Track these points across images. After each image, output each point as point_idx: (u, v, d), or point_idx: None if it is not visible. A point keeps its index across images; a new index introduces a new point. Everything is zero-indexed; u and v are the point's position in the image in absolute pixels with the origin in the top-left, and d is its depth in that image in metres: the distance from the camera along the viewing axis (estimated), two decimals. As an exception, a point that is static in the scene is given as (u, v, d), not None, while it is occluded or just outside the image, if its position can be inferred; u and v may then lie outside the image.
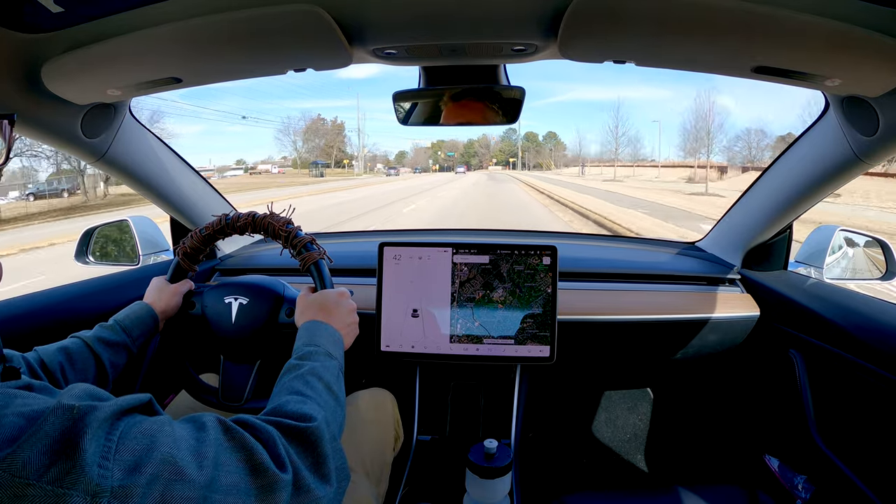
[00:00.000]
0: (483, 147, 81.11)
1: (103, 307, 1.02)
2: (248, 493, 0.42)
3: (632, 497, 0.92)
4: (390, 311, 1.08)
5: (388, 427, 1.02)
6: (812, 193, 1.02)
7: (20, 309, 0.93)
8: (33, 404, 0.36)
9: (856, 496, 0.87)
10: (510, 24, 0.69)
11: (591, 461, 1.52)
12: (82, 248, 1.29)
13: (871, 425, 0.92)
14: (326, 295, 0.76)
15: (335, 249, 1.03)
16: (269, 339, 0.85)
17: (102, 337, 0.75)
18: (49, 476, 0.33)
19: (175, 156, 1.19)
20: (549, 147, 78.43)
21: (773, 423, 1.20)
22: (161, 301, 0.84)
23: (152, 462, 0.37)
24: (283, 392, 0.57)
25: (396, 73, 51.33)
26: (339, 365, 0.65)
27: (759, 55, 0.67)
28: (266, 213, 0.84)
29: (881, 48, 0.61)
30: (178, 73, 0.77)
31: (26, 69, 0.72)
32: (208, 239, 0.87)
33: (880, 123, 0.77)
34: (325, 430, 0.51)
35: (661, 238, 1.76)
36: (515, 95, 0.88)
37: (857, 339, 0.91)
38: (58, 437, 0.34)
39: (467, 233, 1.71)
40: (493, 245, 1.08)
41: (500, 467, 0.82)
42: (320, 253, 0.81)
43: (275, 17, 0.63)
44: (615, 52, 0.72)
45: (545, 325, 1.06)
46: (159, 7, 0.62)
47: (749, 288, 1.24)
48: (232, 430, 0.45)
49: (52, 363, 0.68)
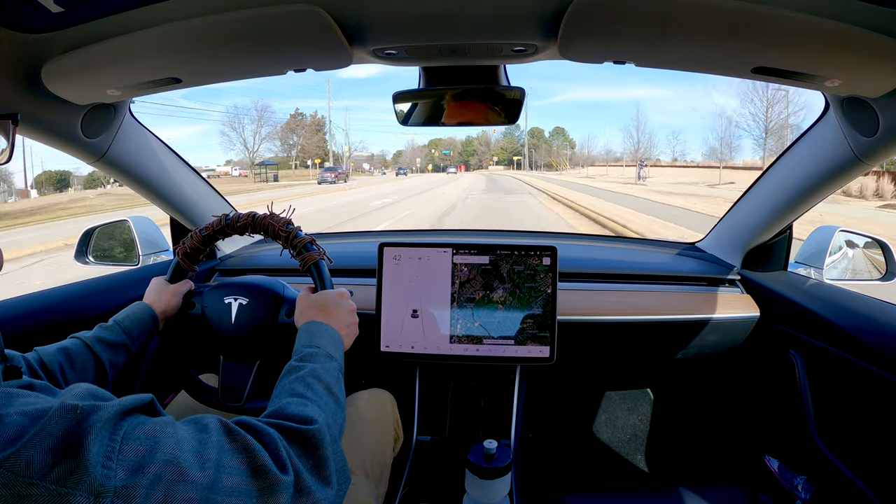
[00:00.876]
0: (483, 145, 74.75)
1: (103, 307, 1.02)
2: (249, 495, 0.42)
3: (632, 497, 0.92)
4: (390, 311, 1.08)
5: (387, 427, 1.02)
6: (812, 194, 1.02)
7: (20, 309, 0.92)
8: (36, 403, 0.36)
9: (856, 497, 0.87)
10: (510, 24, 0.69)
11: (591, 461, 1.52)
12: (82, 249, 1.29)
13: (870, 426, 0.92)
14: (326, 295, 0.76)
15: (335, 250, 1.03)
16: (268, 339, 0.85)
17: (102, 337, 0.75)
18: (53, 476, 0.33)
19: (175, 156, 1.19)
20: (555, 145, 71.40)
21: (773, 423, 1.20)
22: (161, 301, 0.84)
23: (155, 463, 0.37)
24: (283, 394, 0.57)
25: (394, 73, 47.22)
26: (339, 366, 0.65)
27: (759, 55, 0.67)
28: (266, 213, 0.84)
29: (881, 48, 0.61)
30: (177, 73, 0.78)
31: (26, 69, 0.72)
32: (208, 239, 0.87)
33: (880, 124, 0.77)
34: (325, 433, 0.52)
35: (661, 238, 1.76)
36: (516, 96, 0.88)
37: (856, 339, 0.91)
38: (61, 436, 0.34)
39: (467, 233, 1.71)
40: (493, 245, 1.08)
41: (499, 468, 0.81)
42: (320, 253, 0.81)
43: (275, 18, 0.63)
44: (615, 52, 0.72)
45: (545, 325, 1.06)
46: (159, 7, 0.62)
47: (749, 288, 1.24)
48: (234, 432, 0.45)
49: (51, 363, 0.68)
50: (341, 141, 54.88)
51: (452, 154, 74.03)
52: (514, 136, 73.41)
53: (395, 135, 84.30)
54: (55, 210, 17.50)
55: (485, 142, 76.30)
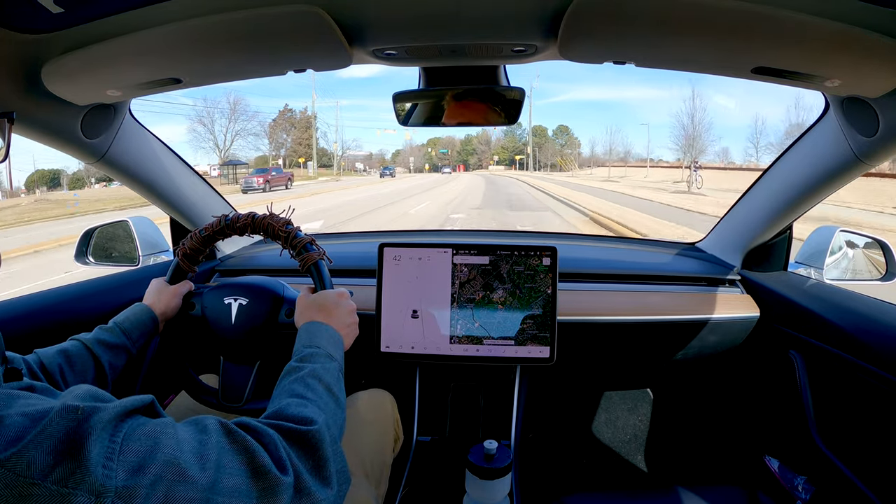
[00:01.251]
0: (483, 144, 71.81)
1: (103, 308, 1.02)
2: (249, 496, 0.42)
3: (632, 498, 0.92)
4: (390, 311, 1.08)
5: (387, 428, 1.01)
6: (812, 194, 1.02)
7: (20, 309, 0.92)
8: (37, 405, 0.37)
9: (856, 497, 0.87)
10: (510, 25, 0.69)
11: (591, 462, 1.52)
12: (82, 249, 1.29)
13: (870, 426, 0.92)
14: (326, 295, 0.76)
15: (335, 250, 1.03)
16: (268, 339, 0.84)
17: (102, 339, 0.75)
18: (54, 476, 0.33)
19: (175, 156, 1.19)
20: (559, 143, 67.43)
21: (773, 423, 1.20)
22: (161, 302, 0.84)
23: (156, 463, 0.38)
24: (283, 395, 0.57)
25: (396, 73, 43.85)
26: (339, 366, 0.65)
27: (758, 56, 0.67)
28: (266, 213, 0.84)
29: (881, 49, 0.61)
30: (177, 73, 0.78)
31: (26, 69, 0.72)
32: (208, 240, 0.87)
33: (880, 124, 0.77)
34: (325, 434, 0.52)
35: (660, 239, 1.76)
36: (515, 96, 0.88)
37: (857, 339, 0.91)
38: (63, 437, 0.35)
39: (467, 234, 1.71)
40: (493, 246, 1.08)
41: (499, 468, 0.81)
42: (320, 253, 0.81)
43: (275, 18, 0.63)
44: (615, 52, 0.72)
45: (545, 325, 1.06)
46: (159, 7, 0.62)
47: (749, 289, 1.24)
48: (234, 433, 0.45)
49: (51, 365, 0.68)
50: (334, 139, 49.79)
51: (451, 153, 71.84)
52: (515, 135, 69.96)
53: (381, 132, 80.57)
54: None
55: (485, 140, 72.48)
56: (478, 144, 73.74)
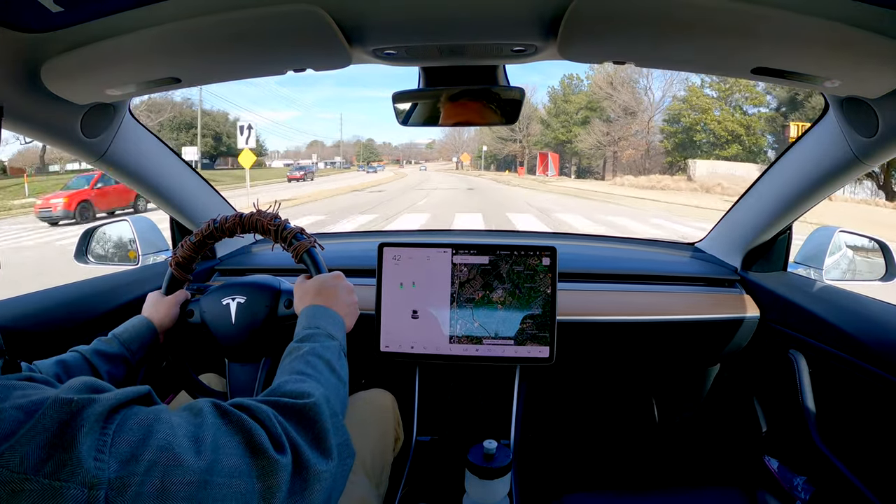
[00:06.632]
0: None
1: (103, 307, 1.02)
2: (249, 475, 0.42)
3: (632, 498, 0.92)
4: (390, 311, 1.08)
5: (387, 428, 1.01)
6: (812, 195, 1.02)
7: (20, 309, 0.92)
8: (32, 395, 0.36)
9: (855, 497, 0.87)
10: (510, 24, 0.69)
11: (591, 462, 1.52)
12: (82, 249, 1.29)
13: (870, 426, 0.92)
14: (322, 278, 0.76)
15: (334, 250, 1.03)
16: (271, 334, 0.84)
17: (100, 350, 0.75)
18: (46, 470, 0.33)
19: (175, 156, 1.19)
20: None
21: (773, 423, 1.20)
22: (158, 313, 0.84)
23: (149, 450, 0.37)
24: (283, 374, 0.58)
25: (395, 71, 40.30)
26: (339, 345, 0.65)
27: (758, 56, 0.67)
28: (252, 211, 0.84)
29: (881, 49, 0.61)
30: (177, 73, 0.77)
31: (26, 69, 0.72)
32: (199, 246, 0.87)
33: (880, 125, 0.77)
34: (324, 406, 0.51)
35: (660, 239, 1.76)
36: (515, 96, 0.88)
37: (856, 340, 0.91)
38: (56, 430, 0.35)
39: (467, 233, 1.71)
40: (492, 246, 1.08)
41: (499, 468, 0.81)
42: (311, 241, 0.81)
43: (274, 18, 0.63)
44: (615, 52, 0.72)
45: (545, 325, 1.06)
46: (159, 7, 0.62)
47: (748, 289, 1.24)
48: (229, 413, 0.45)
49: (48, 375, 0.68)
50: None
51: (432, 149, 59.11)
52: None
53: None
54: None
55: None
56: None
